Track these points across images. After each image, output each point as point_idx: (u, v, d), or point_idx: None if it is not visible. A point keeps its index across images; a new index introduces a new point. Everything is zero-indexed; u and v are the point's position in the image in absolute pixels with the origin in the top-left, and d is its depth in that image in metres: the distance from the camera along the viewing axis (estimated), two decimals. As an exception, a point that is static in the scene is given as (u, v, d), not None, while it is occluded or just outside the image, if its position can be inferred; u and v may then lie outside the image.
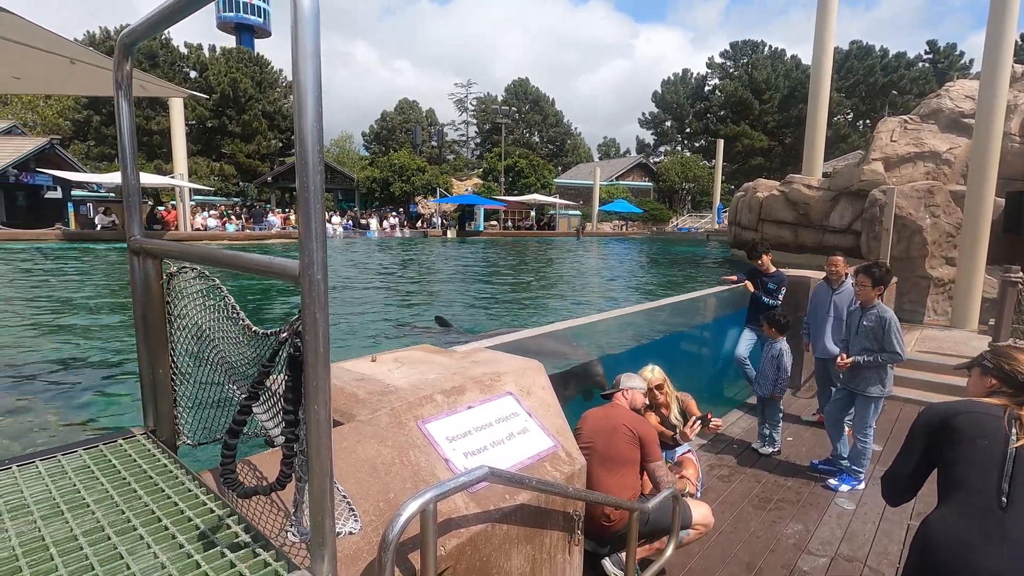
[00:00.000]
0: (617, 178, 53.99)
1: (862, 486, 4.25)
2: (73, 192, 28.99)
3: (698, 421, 3.68)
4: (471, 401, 2.28)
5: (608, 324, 4.53)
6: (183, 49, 46.07)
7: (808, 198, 13.60)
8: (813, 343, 5.49)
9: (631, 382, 3.34)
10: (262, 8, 61.64)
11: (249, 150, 45.90)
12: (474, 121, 73.00)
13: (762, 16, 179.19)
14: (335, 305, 11.98)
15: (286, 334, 1.25)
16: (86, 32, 44.43)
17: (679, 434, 3.70)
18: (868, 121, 55.17)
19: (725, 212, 36.78)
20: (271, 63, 48.78)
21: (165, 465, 1.77)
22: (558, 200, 43.31)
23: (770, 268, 5.76)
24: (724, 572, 3.19)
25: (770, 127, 57.97)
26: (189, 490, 1.62)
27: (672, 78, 65.26)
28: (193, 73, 45.84)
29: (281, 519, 1.56)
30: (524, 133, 69.10)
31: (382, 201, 42.40)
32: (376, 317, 11.69)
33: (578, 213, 45.57)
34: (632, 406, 3.27)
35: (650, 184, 55.48)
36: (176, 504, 1.54)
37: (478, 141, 73.47)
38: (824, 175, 14.64)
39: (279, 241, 29.46)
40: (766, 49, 61.03)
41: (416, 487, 1.79)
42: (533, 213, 44.84)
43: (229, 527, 1.45)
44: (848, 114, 58.45)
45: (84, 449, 1.87)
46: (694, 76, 64.86)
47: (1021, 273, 6.18)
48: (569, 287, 17.38)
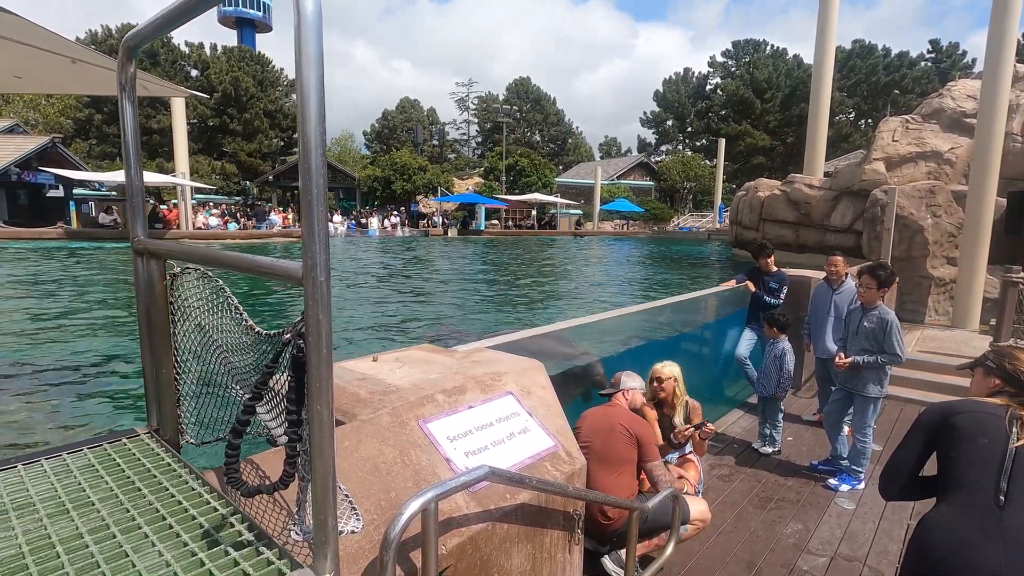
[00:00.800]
0: (618, 177, 53.92)
1: (862, 486, 4.26)
2: (75, 191, 28.99)
3: (691, 428, 3.59)
4: (472, 401, 2.28)
5: (608, 324, 4.53)
6: (184, 48, 46.03)
7: (809, 198, 13.58)
8: (814, 343, 5.49)
9: (631, 382, 3.35)
10: (263, 2, 61.75)
11: (250, 149, 45.85)
12: (475, 120, 72.93)
13: (762, 15, 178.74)
14: (337, 304, 12.00)
15: (289, 335, 1.26)
16: (88, 31, 44.46)
17: (673, 435, 3.68)
18: (870, 120, 55.02)
19: (726, 211, 36.71)
20: (272, 62, 48.73)
21: (169, 464, 1.78)
22: (559, 199, 43.27)
23: (772, 268, 5.78)
24: (724, 571, 3.20)
25: (772, 126, 57.82)
26: (193, 489, 1.63)
27: (674, 77, 65.10)
28: (194, 72, 45.80)
29: (284, 518, 1.57)
30: (525, 132, 69.00)
31: (383, 200, 42.39)
32: (377, 316, 11.70)
33: (579, 212, 45.52)
34: (631, 406, 3.28)
35: (651, 183, 55.38)
36: (180, 503, 1.56)
37: (479, 140, 73.38)
38: (826, 175, 14.64)
39: (281, 240, 29.47)
40: (768, 48, 60.88)
41: (417, 486, 1.80)
42: (534, 212, 44.81)
43: (232, 526, 1.46)
44: (850, 113, 58.31)
45: (89, 448, 1.88)
46: (696, 75, 64.70)
47: (1022, 273, 6.17)
48: (568, 286, 17.39)
